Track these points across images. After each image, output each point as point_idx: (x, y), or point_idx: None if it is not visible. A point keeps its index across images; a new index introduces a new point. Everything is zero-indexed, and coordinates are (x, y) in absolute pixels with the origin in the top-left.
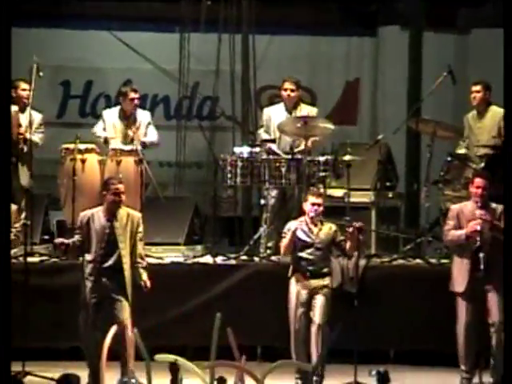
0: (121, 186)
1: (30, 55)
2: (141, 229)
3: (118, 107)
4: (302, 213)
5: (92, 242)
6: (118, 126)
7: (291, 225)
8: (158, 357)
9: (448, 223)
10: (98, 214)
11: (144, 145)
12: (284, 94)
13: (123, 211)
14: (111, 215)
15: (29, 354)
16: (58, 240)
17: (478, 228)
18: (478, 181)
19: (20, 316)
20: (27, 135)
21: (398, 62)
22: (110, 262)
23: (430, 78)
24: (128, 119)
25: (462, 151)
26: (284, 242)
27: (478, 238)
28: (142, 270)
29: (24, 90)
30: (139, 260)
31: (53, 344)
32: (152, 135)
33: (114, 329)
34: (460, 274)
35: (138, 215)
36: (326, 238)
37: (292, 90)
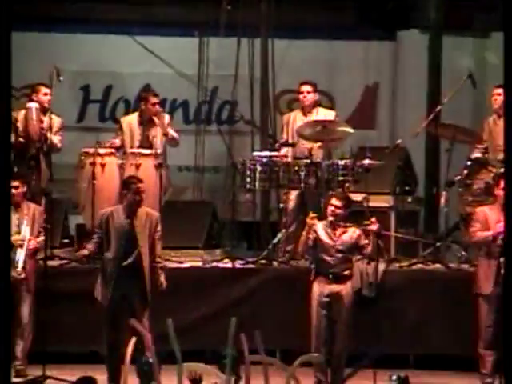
0: (141, 185)
1: (51, 60)
2: (159, 228)
3: (136, 113)
4: (324, 216)
5: (111, 240)
6: (137, 132)
7: (318, 227)
8: (188, 365)
9: (474, 225)
10: (117, 212)
11: (167, 137)
12: (300, 96)
13: (142, 210)
14: (131, 214)
15: (49, 357)
16: (80, 254)
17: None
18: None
19: (40, 320)
20: (48, 134)
21: (417, 65)
22: (130, 261)
23: (450, 81)
24: (147, 125)
25: (478, 155)
26: (301, 238)
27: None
28: (159, 271)
29: (45, 94)
30: (158, 260)
31: (72, 347)
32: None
33: (133, 340)
34: (487, 277)
35: (156, 215)
36: (348, 240)
37: (308, 92)
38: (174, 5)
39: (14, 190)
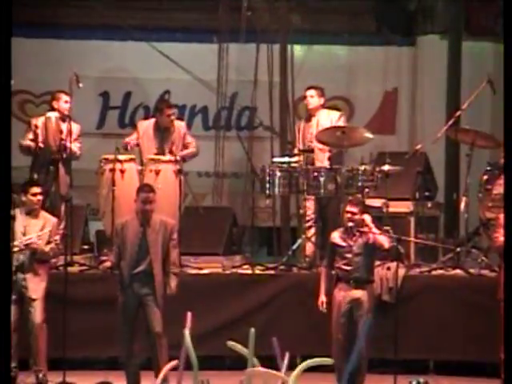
0: (150, 195)
1: (70, 67)
2: (175, 236)
3: (153, 120)
4: (342, 222)
5: (126, 248)
6: (153, 139)
7: (334, 236)
8: (231, 344)
9: (497, 231)
10: (132, 221)
11: (184, 159)
12: (305, 102)
13: (156, 218)
14: (144, 221)
15: (69, 363)
16: (104, 267)
17: None
18: None
19: (59, 326)
20: (67, 143)
21: (437, 71)
22: (141, 268)
23: (469, 87)
24: (163, 132)
25: (500, 160)
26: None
27: None
28: (172, 276)
29: (66, 102)
30: (172, 267)
31: (93, 353)
32: (191, 146)
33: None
34: None
35: (171, 222)
36: (365, 241)
37: (311, 97)
38: (194, 11)
39: (32, 197)
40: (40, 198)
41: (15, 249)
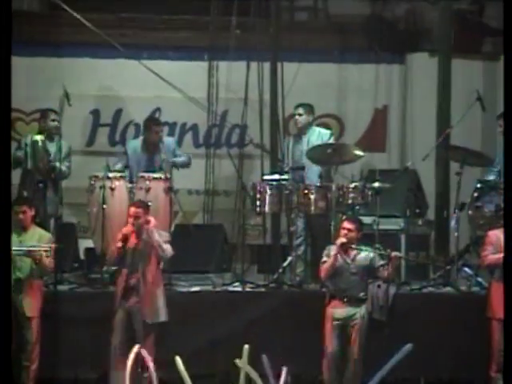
0: (137, 210)
1: (60, 84)
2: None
3: (141, 138)
4: (336, 239)
5: (125, 259)
6: (142, 157)
7: (330, 250)
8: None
9: (486, 248)
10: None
11: (175, 164)
12: (293, 119)
13: (149, 230)
14: (137, 234)
15: (60, 383)
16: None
17: None
18: None
19: (50, 344)
20: (56, 164)
21: (427, 88)
22: (132, 283)
23: (459, 104)
24: (153, 150)
25: (491, 177)
26: (326, 264)
27: None
28: (160, 242)
29: (53, 120)
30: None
31: (83, 373)
32: (182, 157)
33: (135, 349)
34: (500, 300)
35: (165, 235)
36: (362, 263)
37: (299, 115)
38: (184, 29)
39: (21, 215)
40: (29, 214)
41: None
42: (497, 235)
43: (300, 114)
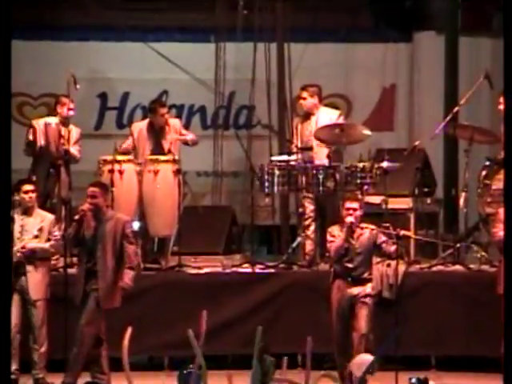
0: (94, 189)
1: (67, 68)
2: (128, 231)
3: (147, 120)
4: (341, 219)
5: (83, 241)
6: (148, 140)
7: (334, 230)
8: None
9: (497, 226)
10: (90, 215)
11: (186, 142)
12: (300, 102)
13: (111, 214)
14: (96, 217)
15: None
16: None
17: None
18: None
19: (60, 328)
20: (68, 148)
21: (434, 67)
22: (90, 265)
23: (467, 82)
24: (159, 132)
25: (499, 156)
26: (336, 244)
27: None
28: (126, 270)
29: (70, 109)
30: (127, 261)
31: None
32: (189, 135)
33: (129, 331)
34: None
35: (124, 219)
36: (367, 242)
37: (304, 98)
38: (191, 10)
39: (24, 195)
40: (32, 195)
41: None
42: None
43: (304, 98)
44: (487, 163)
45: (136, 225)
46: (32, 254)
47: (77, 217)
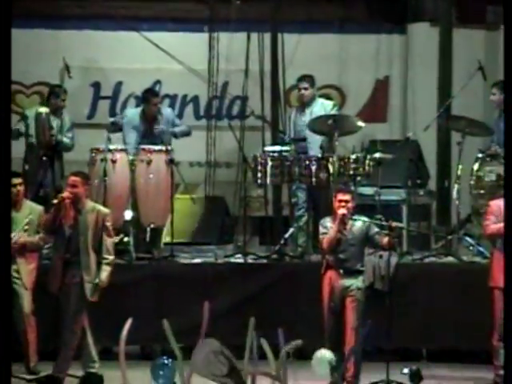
0: (74, 178)
1: (60, 57)
2: (108, 224)
3: (140, 108)
4: (333, 210)
5: (61, 231)
6: (139, 128)
7: (326, 221)
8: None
9: (487, 218)
10: (69, 204)
11: (175, 135)
12: (298, 93)
13: (90, 205)
14: (75, 208)
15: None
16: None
17: None
18: None
19: (51, 317)
20: (59, 137)
21: (428, 58)
22: (68, 255)
23: (461, 74)
24: (151, 122)
25: (493, 148)
26: (329, 236)
27: None
28: (103, 267)
29: (64, 100)
30: (105, 256)
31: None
32: (180, 126)
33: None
34: (500, 269)
35: (105, 211)
36: (359, 233)
37: (305, 89)
38: (184, 0)
39: (13, 189)
40: (20, 188)
41: None
42: (498, 205)
43: (306, 88)
44: (480, 155)
45: (128, 215)
46: (22, 248)
47: (55, 201)
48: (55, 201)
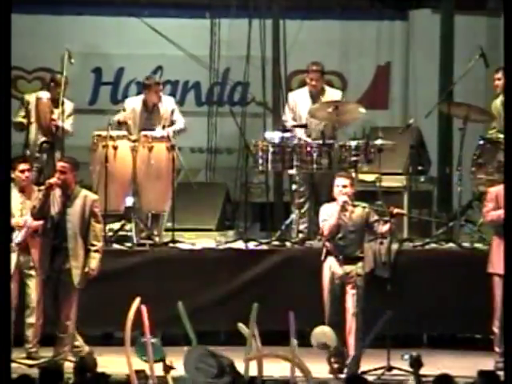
0: (63, 165)
1: (62, 43)
2: (97, 210)
3: (141, 96)
4: (334, 197)
5: (48, 215)
6: (141, 116)
7: (327, 208)
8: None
9: (487, 205)
10: (58, 189)
11: (173, 134)
12: (309, 81)
13: (79, 191)
14: (64, 194)
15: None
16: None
17: None
18: None
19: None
20: (59, 122)
21: (430, 45)
22: (57, 242)
23: (462, 61)
24: (152, 109)
25: (494, 134)
26: (329, 223)
27: None
28: (92, 254)
29: (65, 89)
30: (93, 242)
31: (86, 330)
32: (178, 122)
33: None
34: (500, 256)
35: (93, 197)
36: (359, 220)
37: (317, 80)
38: None
39: (20, 174)
40: (28, 174)
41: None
42: (497, 192)
43: (317, 79)
44: (481, 142)
45: (130, 201)
46: (34, 232)
47: (42, 188)
48: (42, 187)
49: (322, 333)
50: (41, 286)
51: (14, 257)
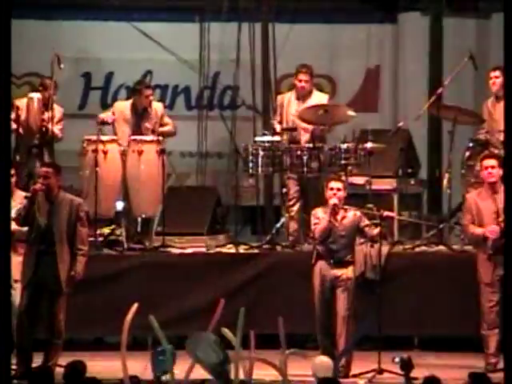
0: (47, 170)
1: (51, 47)
2: (82, 214)
3: (130, 101)
4: (325, 200)
5: (34, 221)
6: (130, 120)
7: (318, 212)
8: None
9: (465, 217)
10: (42, 195)
11: (162, 135)
12: (298, 84)
13: (64, 196)
14: (48, 199)
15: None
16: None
17: (495, 236)
18: (488, 162)
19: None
20: (49, 126)
21: (419, 48)
22: (42, 247)
23: (451, 63)
24: (141, 114)
25: (483, 136)
26: (320, 226)
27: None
28: (79, 258)
29: (55, 94)
30: (80, 246)
31: (76, 334)
32: (168, 126)
33: (134, 307)
34: (485, 269)
35: (78, 201)
36: (350, 224)
37: (306, 82)
38: None
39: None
40: (12, 180)
41: None
42: (474, 199)
43: (306, 81)
44: (471, 144)
45: (120, 205)
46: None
47: (28, 194)
48: (28, 194)
49: (321, 365)
50: (21, 293)
51: None
